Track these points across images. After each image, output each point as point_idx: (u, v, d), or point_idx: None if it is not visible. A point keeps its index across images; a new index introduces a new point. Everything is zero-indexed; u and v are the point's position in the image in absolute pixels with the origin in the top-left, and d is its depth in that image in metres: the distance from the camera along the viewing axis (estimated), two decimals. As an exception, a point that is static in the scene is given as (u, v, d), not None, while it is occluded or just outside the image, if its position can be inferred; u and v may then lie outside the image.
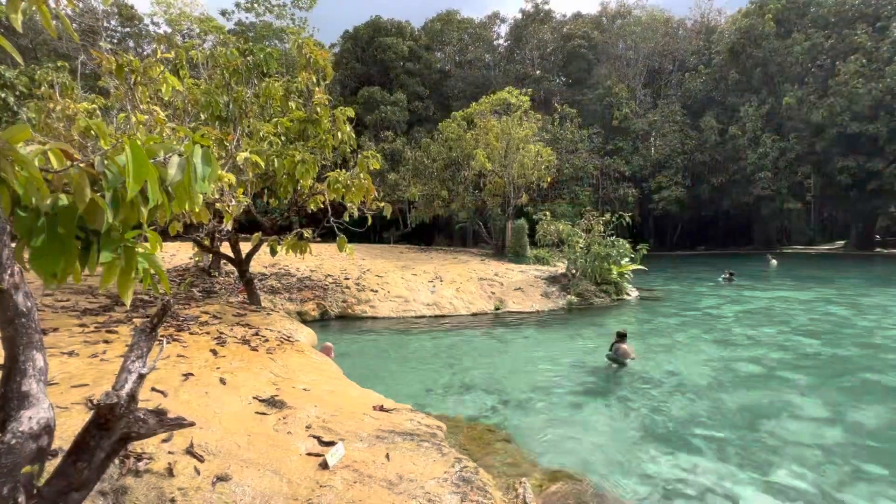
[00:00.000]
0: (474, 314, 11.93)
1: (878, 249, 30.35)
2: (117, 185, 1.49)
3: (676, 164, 32.86)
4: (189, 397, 3.63)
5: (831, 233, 37.77)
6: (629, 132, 34.34)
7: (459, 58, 40.08)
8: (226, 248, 10.78)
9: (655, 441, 4.73)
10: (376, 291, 12.29)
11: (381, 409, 4.20)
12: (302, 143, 8.35)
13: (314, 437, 3.26)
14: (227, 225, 6.94)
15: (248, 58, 7.32)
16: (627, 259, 13.87)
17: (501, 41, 40.51)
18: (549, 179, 19.85)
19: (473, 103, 23.19)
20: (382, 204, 8.45)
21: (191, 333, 5.88)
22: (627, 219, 14.03)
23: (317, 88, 8.41)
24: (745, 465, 4.21)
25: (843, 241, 34.21)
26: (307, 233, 7.88)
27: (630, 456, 4.39)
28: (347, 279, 12.83)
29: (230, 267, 11.56)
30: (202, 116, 7.25)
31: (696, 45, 37.37)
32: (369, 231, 32.51)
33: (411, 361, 7.72)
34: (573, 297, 12.76)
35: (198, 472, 2.63)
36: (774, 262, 23.28)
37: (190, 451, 2.79)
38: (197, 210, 2.15)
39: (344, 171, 8.10)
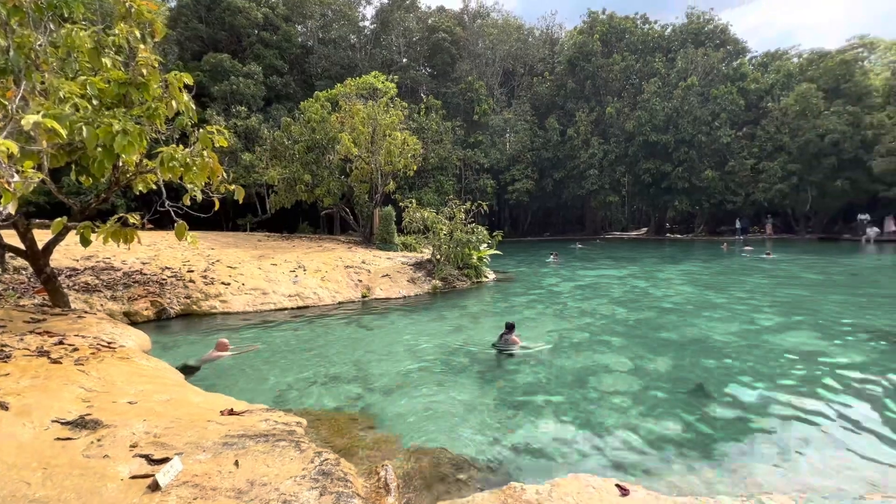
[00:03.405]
0: (340, 303, 11.63)
1: (668, 235, 38.65)
2: None
3: (527, 159, 36.67)
4: (-51, 433, 2.77)
5: (638, 221, 46.70)
6: (488, 127, 36.99)
7: (323, 34, 37.82)
8: (13, 238, 8.43)
9: (507, 408, 5.28)
10: (228, 284, 11.06)
11: (231, 412, 3.82)
12: (123, 111, 6.91)
13: (142, 456, 2.80)
14: (10, 207, 5.40)
15: (38, -6, 5.73)
16: (485, 245, 15.06)
17: (367, 23, 39.47)
18: (415, 168, 20.23)
19: (339, 84, 22.24)
20: (233, 187, 7.53)
21: (-47, 350, 4.48)
22: (485, 207, 15.18)
23: (142, 46, 7.02)
24: (575, 417, 5.00)
25: (645, 229, 42.61)
26: (133, 218, 6.61)
27: (486, 425, 4.82)
28: (191, 271, 11.26)
29: (22, 261, 9.13)
30: (-37, 63, 5.47)
31: (543, 54, 41.87)
32: (220, 217, 28.99)
33: (271, 357, 7.18)
34: (438, 281, 13.37)
35: (-37, 526, 2.04)
36: (580, 245, 29.98)
37: (-51, 502, 2.14)
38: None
39: (182, 146, 6.98)
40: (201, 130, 6.95)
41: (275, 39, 32.76)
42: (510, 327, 7.56)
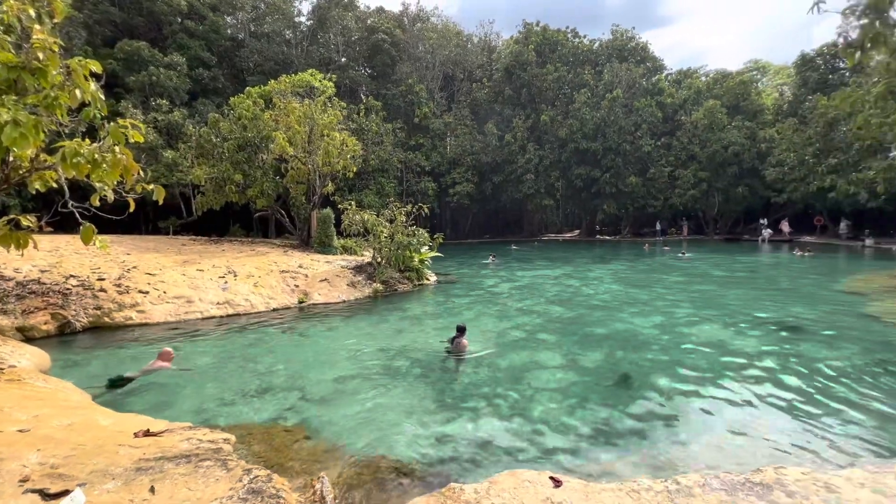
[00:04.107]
0: (275, 310, 11.09)
1: (598, 236, 41.14)
2: None
3: (467, 162, 37.30)
4: None
5: (572, 224, 49.26)
6: (429, 130, 37.16)
7: (255, 27, 35.94)
8: None
9: (448, 410, 5.32)
10: (147, 293, 10.13)
11: (147, 433, 3.49)
12: (14, 99, 6.08)
13: (34, 491, 2.47)
14: None
15: None
16: (427, 247, 15.10)
17: (304, 19, 38.08)
18: (354, 169, 19.80)
19: (272, 81, 21.22)
20: (151, 186, 6.88)
21: None
22: (426, 210, 15.23)
23: (37, 27, 6.23)
24: (513, 414, 5.15)
25: (578, 230, 45.04)
26: (27, 220, 5.83)
27: (426, 428, 4.82)
28: (102, 279, 10.17)
29: None
30: None
31: (481, 60, 42.90)
32: (138, 220, 26.52)
33: (197, 370, 6.67)
34: (379, 284, 13.19)
35: None
36: (514, 247, 31.20)
37: None
38: None
39: (90, 141, 6.28)
40: (112, 124, 6.30)
41: (201, 30, 30.59)
42: (461, 330, 7.46)
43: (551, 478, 3.31)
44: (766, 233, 31.28)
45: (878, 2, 6.75)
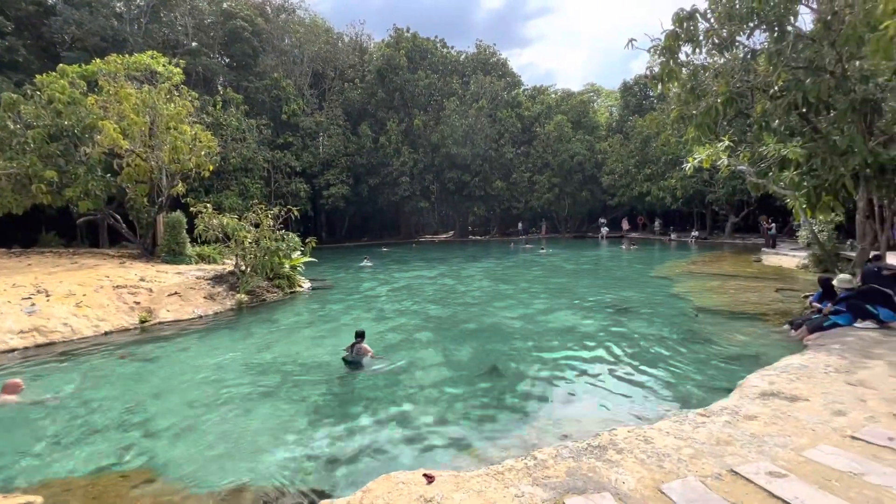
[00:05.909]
0: (108, 333, 9.29)
1: (470, 237, 43.73)
2: None
3: (341, 163, 36.22)
4: None
5: (446, 225, 51.43)
6: (299, 129, 35.11)
7: (71, -7, 29.54)
8: None
9: (322, 422, 5.09)
10: None
11: None
12: None
13: None
14: None
15: None
16: (299, 252, 14.24)
17: (139, -9, 32.51)
18: (210, 168, 17.66)
19: (98, 60, 17.71)
20: None
21: None
22: (296, 213, 14.36)
23: None
24: (389, 418, 5.15)
25: (452, 232, 47.26)
26: None
27: (297, 446, 4.54)
28: None
29: None
30: None
31: (353, 60, 42.06)
32: None
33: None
34: (243, 295, 12.00)
35: None
36: (385, 248, 31.05)
37: None
38: None
39: None
40: None
41: (-14, -15, 24.05)
42: (360, 335, 7.17)
43: (424, 475, 3.40)
44: (604, 230, 36.93)
45: (670, 45, 8.50)
